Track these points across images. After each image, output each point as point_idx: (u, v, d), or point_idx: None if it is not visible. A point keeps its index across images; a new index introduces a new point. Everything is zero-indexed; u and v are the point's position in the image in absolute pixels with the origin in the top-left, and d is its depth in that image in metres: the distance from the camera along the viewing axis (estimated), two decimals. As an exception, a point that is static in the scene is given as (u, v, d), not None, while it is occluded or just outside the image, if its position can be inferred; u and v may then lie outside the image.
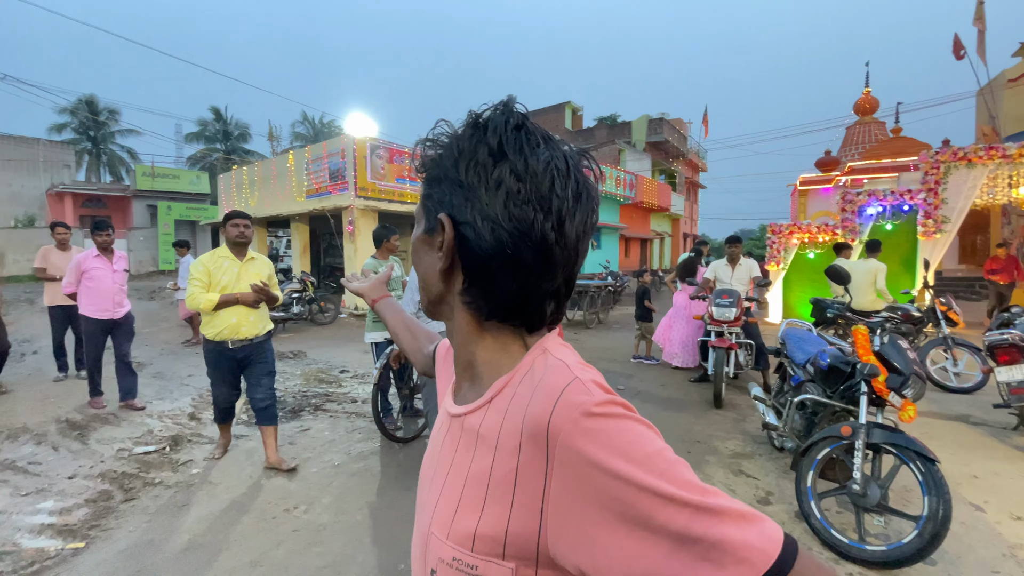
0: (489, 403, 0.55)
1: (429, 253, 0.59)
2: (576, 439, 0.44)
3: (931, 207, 8.33)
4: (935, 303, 5.65)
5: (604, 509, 0.42)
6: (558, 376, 0.49)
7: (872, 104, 18.35)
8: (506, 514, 0.48)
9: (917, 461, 2.35)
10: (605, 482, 0.42)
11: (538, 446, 0.46)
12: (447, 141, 0.57)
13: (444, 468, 0.58)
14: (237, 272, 3.35)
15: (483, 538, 0.49)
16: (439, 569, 0.52)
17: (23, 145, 21.80)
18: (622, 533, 0.41)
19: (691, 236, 32.48)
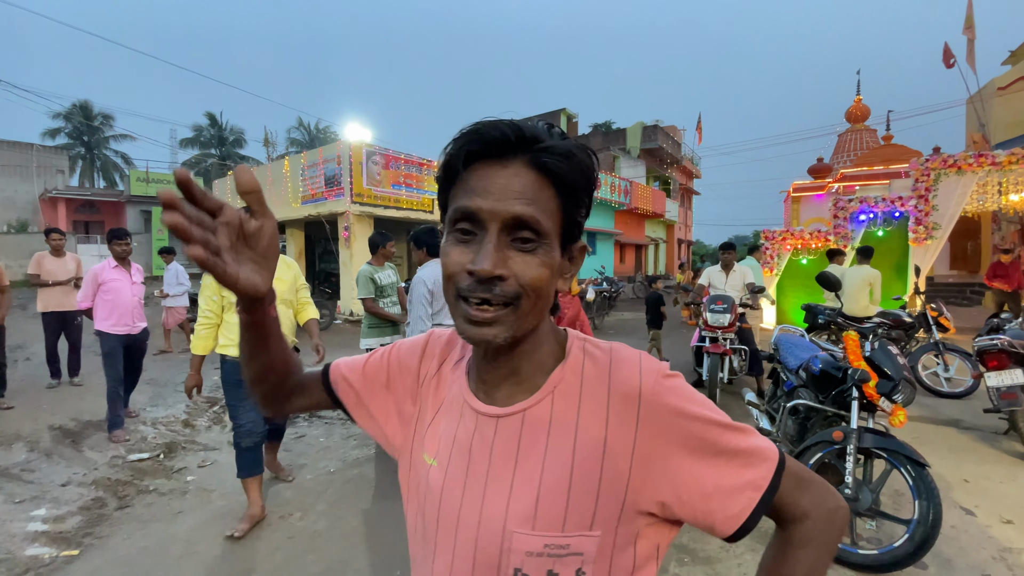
0: (553, 392, 0.58)
1: (557, 274, 0.58)
2: (662, 395, 0.56)
3: (922, 214, 8.43)
4: (926, 309, 5.71)
5: (684, 445, 0.55)
6: (628, 352, 0.60)
7: (864, 112, 18.57)
8: (596, 484, 0.54)
9: (908, 465, 2.38)
10: (685, 423, 0.55)
11: (629, 408, 0.55)
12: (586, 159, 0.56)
13: (506, 468, 0.57)
14: None
15: (575, 515, 0.54)
16: (526, 564, 0.54)
17: (16, 150, 21.67)
18: (697, 460, 0.55)
19: (685, 242, 32.64)
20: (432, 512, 0.61)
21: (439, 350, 0.71)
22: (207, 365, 3.32)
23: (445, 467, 0.61)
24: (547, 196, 0.53)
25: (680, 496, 0.54)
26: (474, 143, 0.53)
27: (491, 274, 0.52)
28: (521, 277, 0.53)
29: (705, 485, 0.54)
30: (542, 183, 0.53)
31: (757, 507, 0.54)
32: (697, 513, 0.55)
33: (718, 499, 0.54)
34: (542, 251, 0.54)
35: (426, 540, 0.63)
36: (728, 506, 0.54)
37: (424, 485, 0.63)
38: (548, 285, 0.55)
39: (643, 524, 0.56)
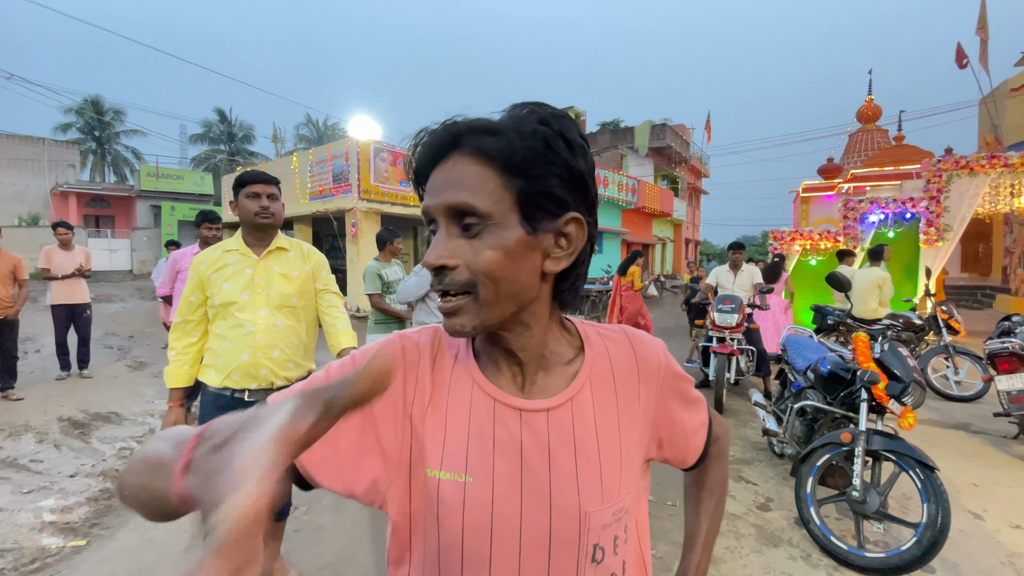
0: (590, 377, 0.63)
1: (532, 255, 0.55)
2: (670, 365, 0.70)
3: (933, 215, 8.33)
4: (936, 311, 5.65)
5: (676, 401, 0.70)
6: (638, 332, 0.71)
7: (875, 112, 18.39)
8: (635, 449, 0.64)
9: (916, 468, 2.35)
10: (678, 383, 0.70)
11: (653, 378, 0.67)
12: (564, 130, 0.54)
13: (567, 457, 0.58)
14: (251, 275, 1.98)
15: (626, 480, 0.62)
16: (602, 536, 0.58)
17: (28, 144, 21.91)
18: (682, 410, 0.71)
19: (693, 241, 32.49)
20: (479, 529, 0.56)
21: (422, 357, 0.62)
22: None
23: (490, 477, 0.56)
24: (486, 178, 0.53)
25: (673, 439, 0.70)
26: (421, 155, 0.56)
27: (434, 265, 0.54)
28: (471, 264, 0.53)
29: (687, 428, 0.71)
30: (478, 167, 0.53)
31: (708, 438, 0.74)
32: (677, 451, 0.71)
33: (691, 437, 0.72)
34: (487, 234, 0.53)
35: (467, 564, 0.56)
36: (694, 441, 0.72)
37: (458, 507, 0.56)
38: (507, 269, 0.53)
39: (643, 469, 0.67)
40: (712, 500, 0.81)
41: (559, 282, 0.60)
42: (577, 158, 0.54)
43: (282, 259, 2.08)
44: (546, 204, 0.54)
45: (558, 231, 0.56)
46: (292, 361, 2.03)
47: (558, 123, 0.54)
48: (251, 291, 1.97)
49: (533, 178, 0.53)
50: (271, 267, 2.03)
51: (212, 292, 1.96)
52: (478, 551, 0.56)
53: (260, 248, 2.05)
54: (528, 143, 0.52)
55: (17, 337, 5.10)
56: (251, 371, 1.94)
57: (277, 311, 2.00)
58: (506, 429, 0.58)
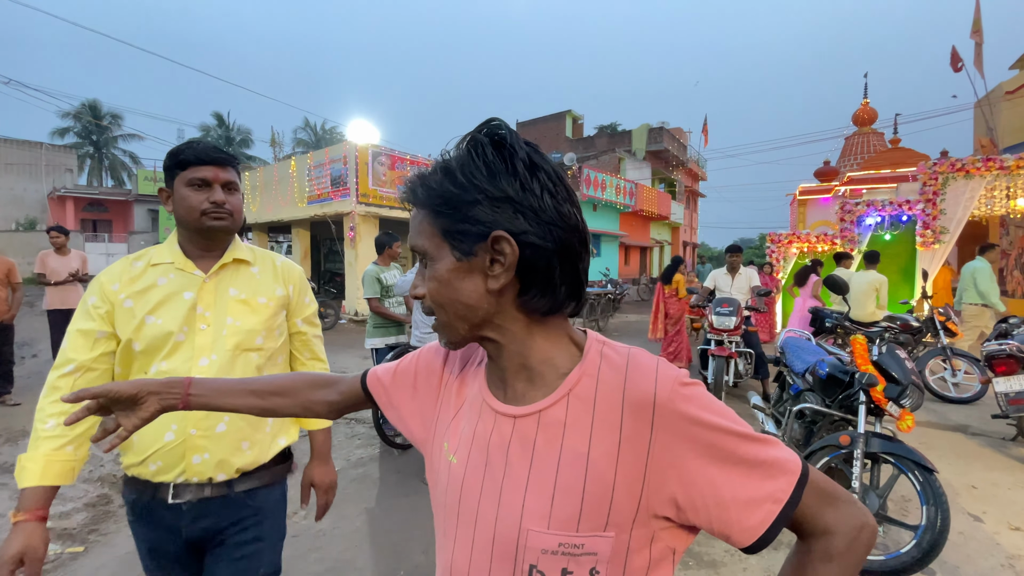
0: (568, 394, 0.60)
1: (469, 278, 0.60)
2: (678, 403, 0.56)
3: (929, 217, 8.38)
4: (933, 313, 5.67)
5: (699, 453, 0.55)
6: (645, 358, 0.61)
7: (871, 115, 18.47)
8: (610, 487, 0.56)
9: (915, 471, 2.36)
10: (700, 431, 0.55)
11: (643, 415, 0.56)
12: (466, 166, 0.58)
13: (522, 466, 0.59)
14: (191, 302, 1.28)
15: (589, 515, 0.56)
16: (541, 561, 0.56)
17: (25, 149, 21.89)
18: (713, 468, 0.55)
19: (691, 244, 32.56)
20: (452, 505, 0.65)
21: (461, 354, 0.75)
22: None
23: (465, 463, 0.64)
24: (424, 222, 0.62)
25: (695, 503, 0.55)
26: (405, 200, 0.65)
27: (412, 295, 0.65)
28: (428, 293, 0.62)
29: (721, 494, 0.55)
30: (420, 214, 0.62)
31: (776, 520, 0.55)
32: (712, 521, 0.56)
33: (735, 510, 0.54)
34: (430, 268, 0.62)
35: (446, 531, 0.66)
36: (746, 517, 0.54)
37: (445, 479, 0.67)
38: (443, 294, 0.61)
39: (658, 527, 0.57)
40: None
41: (522, 294, 0.60)
42: (496, 179, 0.57)
43: (242, 278, 1.34)
44: (466, 230, 0.58)
45: (491, 251, 0.58)
46: (248, 440, 1.28)
47: (474, 150, 0.59)
48: (191, 327, 1.24)
49: (449, 214, 0.59)
50: (224, 290, 1.30)
51: (128, 328, 1.22)
52: (450, 525, 0.65)
53: (208, 261, 1.31)
54: (440, 187, 0.59)
55: (13, 342, 5.08)
56: (176, 457, 1.21)
57: (230, 359, 1.26)
58: (484, 425, 0.64)
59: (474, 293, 0.60)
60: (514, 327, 0.62)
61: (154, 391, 0.78)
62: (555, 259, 0.58)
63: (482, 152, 0.58)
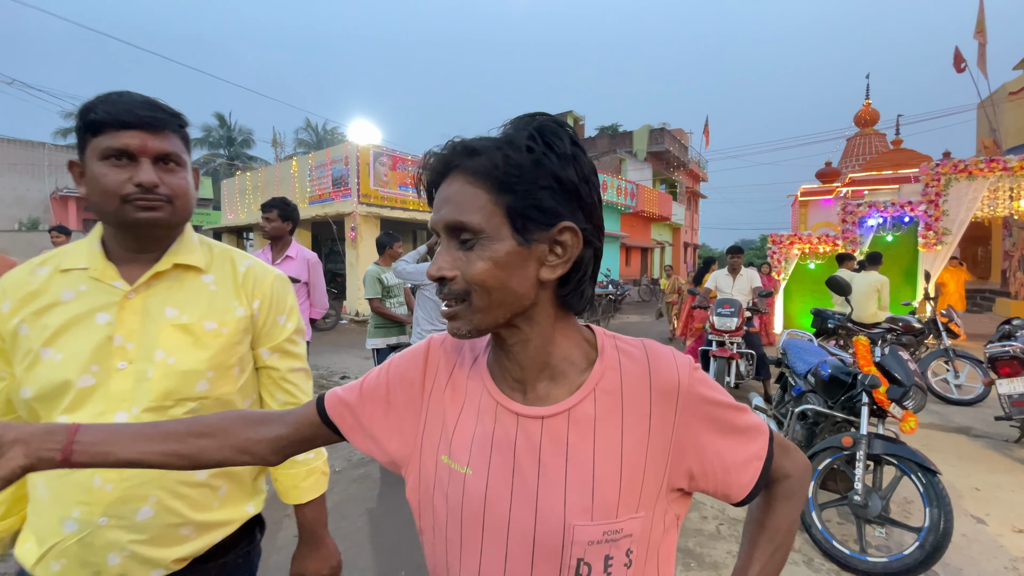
0: (595, 389, 0.62)
1: (525, 265, 0.58)
2: (695, 387, 0.62)
3: (932, 219, 8.36)
4: (936, 315, 5.65)
5: (710, 428, 0.62)
6: (661, 347, 0.65)
7: (873, 116, 18.45)
8: (641, 471, 0.60)
9: (919, 472, 2.35)
10: (711, 409, 0.63)
11: (669, 400, 0.61)
12: (538, 147, 0.56)
13: (557, 465, 0.59)
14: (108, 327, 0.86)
15: (625, 501, 0.59)
16: (588, 553, 0.58)
17: (28, 149, 21.94)
18: (720, 439, 0.63)
19: (692, 245, 32.54)
20: (474, 518, 0.61)
21: (444, 358, 0.70)
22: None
23: (486, 472, 0.61)
24: (477, 196, 0.56)
25: (706, 471, 0.63)
26: (427, 175, 0.61)
27: (435, 276, 0.59)
28: (466, 274, 0.57)
29: (726, 460, 0.63)
30: (470, 186, 0.57)
31: (762, 473, 0.65)
32: (718, 485, 0.64)
33: (735, 471, 0.64)
34: (480, 247, 0.56)
35: (464, 547, 0.62)
36: (741, 476, 0.64)
37: (459, 493, 0.62)
38: (496, 279, 0.57)
39: (672, 499, 0.63)
40: (770, 545, 0.70)
41: (561, 288, 0.61)
42: (567, 168, 0.56)
43: (185, 292, 0.95)
44: (535, 216, 0.56)
45: (552, 240, 0.58)
46: (190, 524, 0.90)
47: (548, 135, 0.56)
48: (104, 365, 0.85)
49: (520, 193, 0.56)
50: (156, 311, 0.90)
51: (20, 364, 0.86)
52: (473, 540, 0.61)
53: (139, 267, 0.92)
54: (513, 160, 0.55)
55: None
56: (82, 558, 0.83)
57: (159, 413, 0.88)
58: (504, 431, 0.62)
59: (525, 281, 0.58)
60: (544, 322, 0.62)
61: (22, 438, 0.57)
62: (593, 259, 0.61)
63: (558, 138, 0.57)
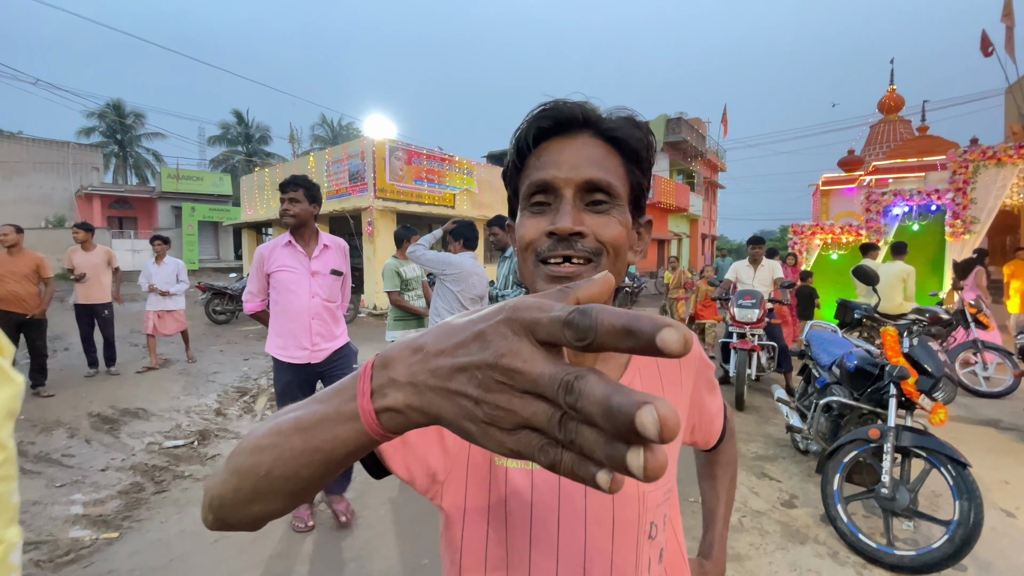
0: (638, 367, 0.66)
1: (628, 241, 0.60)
2: (700, 353, 0.73)
3: (959, 207, 8.12)
4: (964, 305, 5.51)
5: (705, 386, 0.76)
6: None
7: (897, 102, 17.98)
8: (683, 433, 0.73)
9: (948, 465, 2.30)
10: (706, 370, 0.76)
11: (691, 366, 0.72)
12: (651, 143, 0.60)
13: None
14: None
15: (673, 463, 0.64)
16: (655, 514, 0.64)
17: (53, 148, 22.48)
18: (708, 395, 0.76)
19: (709, 237, 32.13)
20: (548, 514, 0.58)
21: None
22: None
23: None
24: (614, 163, 0.57)
25: (702, 424, 0.76)
26: (545, 120, 0.57)
27: (571, 230, 0.54)
28: (600, 234, 0.55)
29: (710, 413, 0.77)
30: (608, 151, 0.57)
31: (725, 421, 0.82)
32: (704, 434, 0.78)
33: (715, 421, 0.78)
34: (616, 211, 0.57)
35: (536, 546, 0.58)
36: (717, 423, 0.79)
37: (525, 493, 0.59)
38: (624, 245, 0.58)
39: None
40: (727, 475, 0.88)
41: None
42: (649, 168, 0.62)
43: None
44: (641, 200, 0.61)
45: (638, 227, 0.63)
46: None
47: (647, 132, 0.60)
48: None
49: (643, 172, 0.60)
50: None
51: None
52: (546, 534, 0.58)
53: None
54: (644, 142, 0.58)
55: (46, 335, 5.23)
56: None
57: None
58: None
59: (627, 255, 0.61)
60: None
61: None
62: None
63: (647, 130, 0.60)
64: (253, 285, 2.70)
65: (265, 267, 2.63)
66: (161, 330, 6.29)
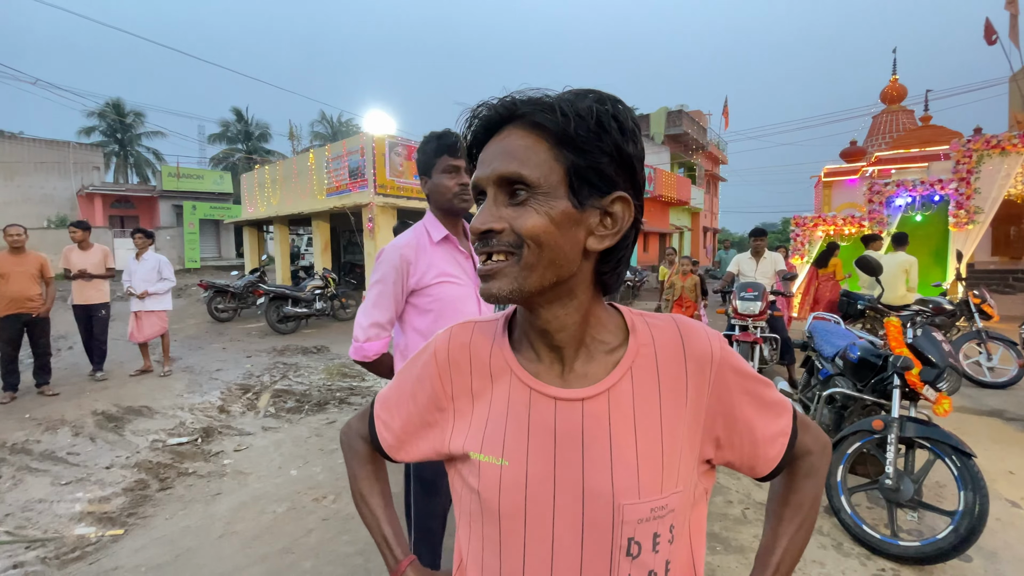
0: (631, 366, 0.61)
1: (575, 229, 0.56)
2: (727, 358, 0.63)
3: (963, 197, 8.08)
4: (968, 296, 5.49)
5: (741, 401, 0.63)
6: (691, 321, 0.66)
7: (900, 92, 17.84)
8: (680, 444, 0.60)
9: (953, 455, 2.29)
10: (741, 381, 0.64)
11: (704, 372, 0.62)
12: (603, 113, 0.54)
13: (602, 447, 0.58)
14: None
15: (668, 476, 0.59)
16: (638, 531, 0.57)
17: (54, 148, 22.45)
18: (750, 410, 0.64)
19: (711, 230, 32.04)
20: (515, 511, 0.59)
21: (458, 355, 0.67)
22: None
23: (524, 462, 0.59)
24: (539, 150, 0.54)
25: (732, 441, 0.64)
26: (476, 129, 0.59)
27: (479, 230, 0.56)
28: (517, 227, 0.54)
29: (755, 433, 0.64)
30: (532, 140, 0.55)
31: (787, 449, 0.66)
32: (744, 456, 0.65)
33: (763, 445, 0.65)
34: (535, 202, 0.54)
35: (505, 542, 0.61)
36: (768, 451, 0.65)
37: (494, 488, 0.60)
38: (551, 236, 0.54)
39: (702, 472, 0.64)
40: (794, 521, 0.71)
41: (601, 264, 0.60)
42: (628, 142, 0.56)
43: None
44: (594, 180, 0.55)
45: (604, 209, 0.57)
46: None
47: (613, 105, 0.56)
48: None
49: (584, 153, 0.54)
50: None
51: None
52: (514, 531, 0.60)
53: None
54: (583, 119, 0.53)
55: (49, 335, 5.23)
56: None
57: None
58: (541, 416, 0.60)
59: (574, 246, 0.56)
60: (583, 296, 0.60)
61: None
62: (635, 239, 0.60)
63: (619, 110, 0.56)
64: (384, 310, 1.63)
65: (411, 279, 1.59)
66: (137, 335, 5.78)
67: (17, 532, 2.67)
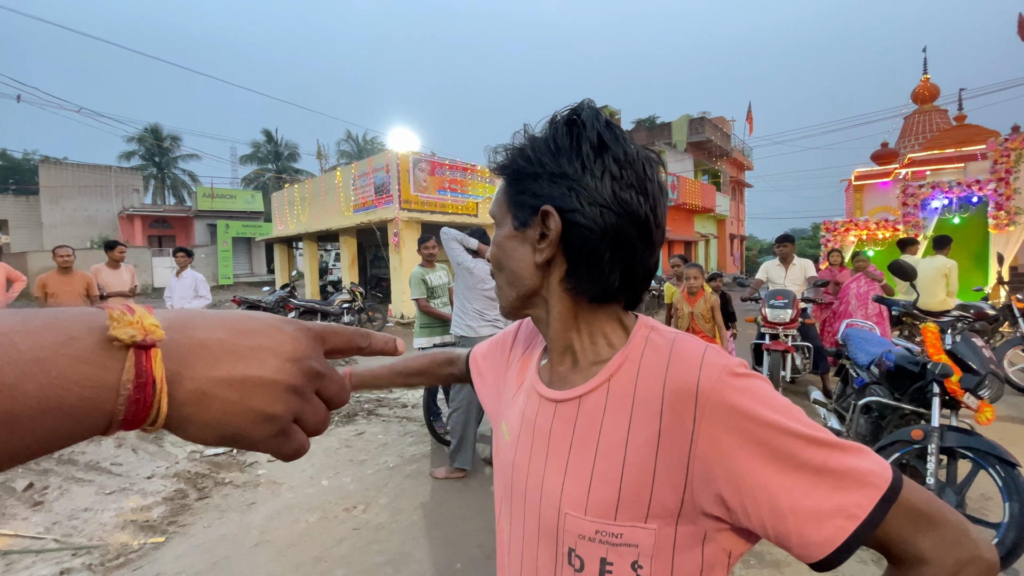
0: (609, 380, 0.59)
1: (521, 248, 0.62)
2: (727, 395, 0.51)
3: (1002, 198, 7.80)
4: (1011, 300, 5.27)
5: (751, 453, 0.49)
6: (693, 345, 0.56)
7: (932, 91, 17.36)
8: (650, 477, 0.53)
9: (997, 466, 2.20)
10: (756, 429, 0.49)
11: (684, 406, 0.52)
12: (536, 142, 0.62)
13: (562, 451, 0.60)
14: None
15: (627, 505, 0.54)
16: (579, 546, 0.56)
17: (96, 172, 23.60)
18: (769, 471, 0.49)
19: (738, 237, 31.50)
20: (506, 483, 0.68)
21: (526, 335, 0.79)
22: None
23: (516, 443, 0.67)
24: (500, 190, 0.67)
25: (745, 506, 0.50)
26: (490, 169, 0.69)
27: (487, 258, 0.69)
28: (491, 255, 0.67)
29: (778, 502, 0.48)
30: (500, 183, 0.67)
31: (848, 539, 0.47)
32: (768, 529, 0.49)
33: (794, 521, 0.48)
34: (496, 232, 0.67)
35: (503, 508, 0.70)
36: (809, 531, 0.47)
37: (502, 457, 0.70)
38: (501, 258, 0.65)
39: (711, 527, 0.53)
40: None
41: (569, 275, 0.60)
42: (559, 156, 0.59)
43: None
44: (525, 201, 0.61)
45: (541, 225, 0.60)
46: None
47: (550, 127, 0.62)
48: None
49: (515, 184, 0.63)
50: None
51: None
52: (506, 503, 0.68)
53: None
54: (511, 158, 0.63)
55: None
56: None
57: None
58: (531, 408, 0.66)
59: (523, 263, 0.62)
60: (559, 306, 0.62)
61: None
62: (603, 243, 0.56)
63: (553, 130, 0.61)
64: None
65: None
66: None
67: (64, 540, 2.79)
